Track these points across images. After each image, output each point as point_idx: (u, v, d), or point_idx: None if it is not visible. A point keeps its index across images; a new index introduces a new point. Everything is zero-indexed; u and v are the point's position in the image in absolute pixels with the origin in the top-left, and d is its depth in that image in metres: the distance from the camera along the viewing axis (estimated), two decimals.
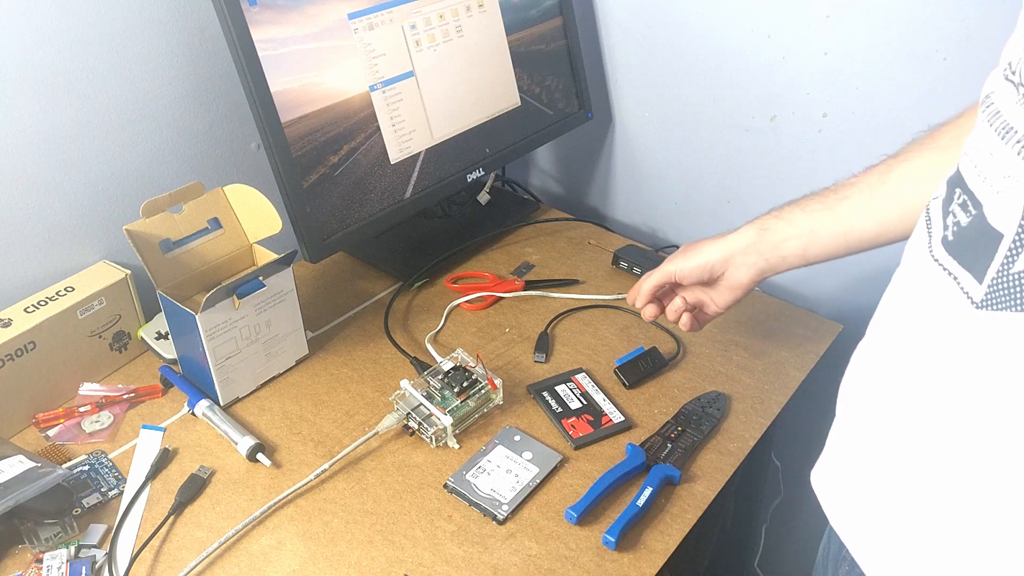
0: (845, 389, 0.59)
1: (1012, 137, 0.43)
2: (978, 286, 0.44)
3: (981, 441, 0.45)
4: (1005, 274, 0.42)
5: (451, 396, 0.86)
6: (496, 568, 0.74)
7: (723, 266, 0.80)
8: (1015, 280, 0.42)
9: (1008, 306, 0.42)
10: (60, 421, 0.88)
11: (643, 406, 0.91)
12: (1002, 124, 0.44)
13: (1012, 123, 0.43)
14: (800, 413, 1.00)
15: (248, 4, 0.87)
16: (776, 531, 1.31)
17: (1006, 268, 0.42)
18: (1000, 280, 0.43)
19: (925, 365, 0.49)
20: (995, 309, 0.43)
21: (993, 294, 0.43)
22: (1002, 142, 0.44)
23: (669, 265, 0.84)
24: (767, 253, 0.77)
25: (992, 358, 0.44)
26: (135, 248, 0.84)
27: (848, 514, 0.57)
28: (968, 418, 0.46)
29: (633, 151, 1.27)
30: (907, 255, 0.52)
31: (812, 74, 1.03)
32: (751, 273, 0.79)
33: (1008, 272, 0.42)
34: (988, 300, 0.43)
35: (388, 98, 1.01)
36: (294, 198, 0.93)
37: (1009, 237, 0.42)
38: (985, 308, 0.44)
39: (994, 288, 0.43)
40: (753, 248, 0.78)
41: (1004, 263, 0.42)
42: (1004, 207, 0.43)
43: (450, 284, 1.10)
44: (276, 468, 0.83)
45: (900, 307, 0.53)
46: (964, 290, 0.45)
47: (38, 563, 0.72)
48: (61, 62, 0.87)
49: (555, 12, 1.18)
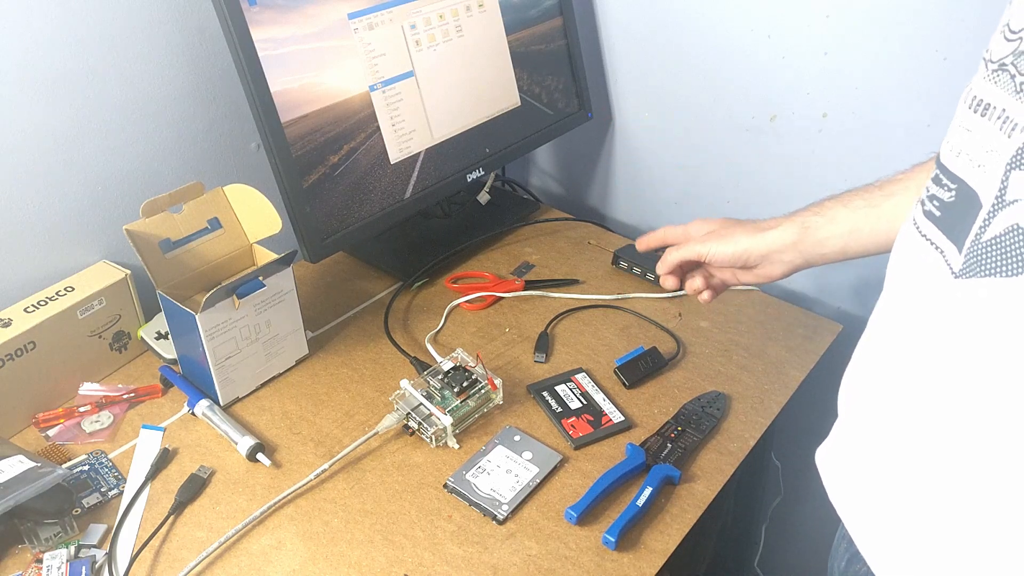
0: (850, 374, 0.60)
1: (992, 113, 0.44)
2: (959, 256, 0.45)
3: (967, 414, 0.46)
4: (978, 242, 0.43)
5: (451, 396, 0.86)
6: (496, 568, 0.74)
7: (759, 260, 0.78)
8: (986, 247, 0.43)
9: (979, 272, 0.43)
10: (60, 421, 0.88)
11: (643, 406, 0.91)
12: (978, 102, 0.46)
13: (986, 99, 0.45)
14: (800, 413, 1.00)
15: (248, 4, 0.87)
16: (776, 531, 1.31)
17: (979, 236, 0.43)
18: (974, 248, 0.44)
19: (912, 339, 0.50)
20: (970, 276, 0.44)
21: (969, 262, 0.44)
22: (982, 119, 0.45)
23: (701, 246, 0.80)
24: (807, 251, 0.76)
25: (969, 326, 0.45)
26: (135, 248, 0.84)
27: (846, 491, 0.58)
28: (954, 389, 0.47)
29: (633, 151, 1.27)
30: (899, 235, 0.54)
31: (812, 74, 1.03)
32: (787, 269, 0.78)
33: (980, 240, 0.43)
34: (965, 269, 0.44)
35: (388, 98, 1.01)
36: (294, 198, 0.93)
37: (986, 207, 0.43)
38: (963, 277, 0.44)
39: (969, 256, 0.44)
40: (793, 247, 0.76)
41: (979, 231, 0.43)
42: (985, 179, 0.44)
43: (450, 284, 1.10)
44: (276, 468, 0.83)
45: (891, 284, 0.54)
46: (948, 261, 0.46)
47: (38, 563, 0.72)
48: (61, 62, 0.87)
49: (555, 12, 1.18)
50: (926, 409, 0.49)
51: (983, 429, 0.45)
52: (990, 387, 0.44)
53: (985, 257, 0.43)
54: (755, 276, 0.80)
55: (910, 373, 0.50)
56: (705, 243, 0.80)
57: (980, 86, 0.46)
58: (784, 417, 0.92)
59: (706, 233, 0.81)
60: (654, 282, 1.09)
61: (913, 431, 0.50)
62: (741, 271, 0.81)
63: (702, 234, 0.81)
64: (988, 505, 0.46)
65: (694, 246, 0.81)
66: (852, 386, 0.59)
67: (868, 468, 0.56)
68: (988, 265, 0.42)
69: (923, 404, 0.49)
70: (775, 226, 0.77)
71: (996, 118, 0.43)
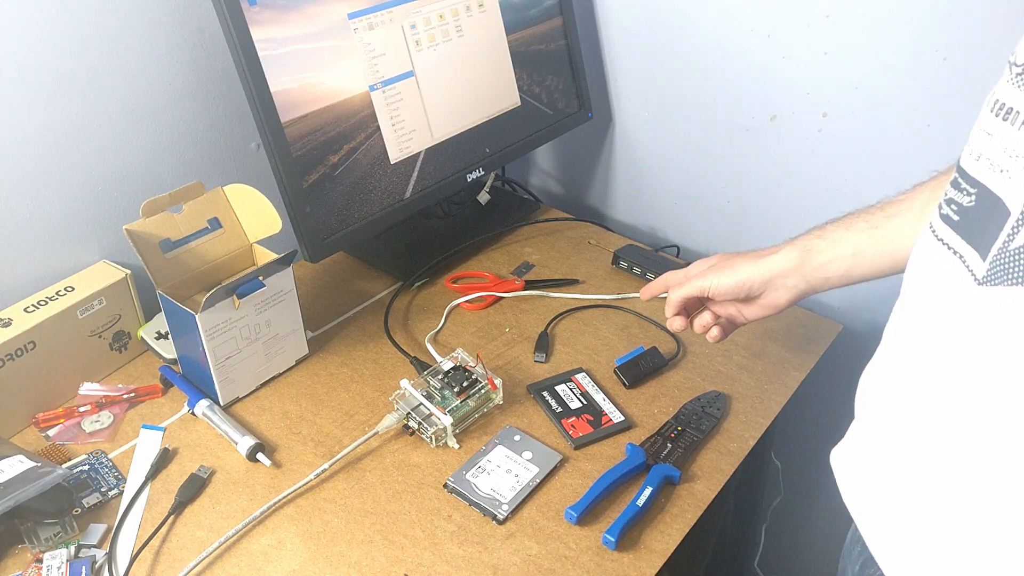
0: (867, 376, 0.59)
1: (1017, 118, 0.43)
2: (982, 263, 0.45)
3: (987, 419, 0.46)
4: (1006, 250, 0.43)
5: (451, 396, 0.86)
6: (496, 568, 0.74)
7: (762, 287, 0.76)
8: (1015, 255, 0.42)
9: (1006, 280, 0.43)
10: (60, 421, 0.88)
11: (643, 406, 0.91)
12: (1000, 105, 0.45)
13: (1009, 103, 0.44)
14: (800, 413, 1.00)
15: (248, 4, 0.87)
16: (776, 531, 1.31)
17: (1007, 244, 0.43)
18: (1002, 255, 0.43)
19: (933, 344, 0.50)
20: (995, 284, 0.44)
21: (994, 269, 0.44)
22: (1004, 123, 0.44)
23: (702, 280, 0.79)
24: (810, 276, 0.74)
25: (993, 333, 0.44)
26: (135, 248, 0.84)
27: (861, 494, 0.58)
28: (974, 395, 0.46)
29: (633, 151, 1.27)
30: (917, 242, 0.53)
31: (812, 74, 1.03)
32: (791, 295, 0.76)
33: (1008, 248, 0.43)
34: (990, 276, 0.44)
35: (388, 98, 1.01)
36: (294, 198, 0.93)
37: (1015, 215, 0.43)
38: (987, 284, 0.44)
39: (995, 264, 0.44)
40: (796, 271, 0.74)
41: (1006, 240, 0.43)
42: (1011, 185, 0.43)
43: (450, 284, 1.10)
44: (276, 468, 0.83)
45: (910, 288, 0.54)
46: (969, 267, 0.46)
47: (38, 563, 0.72)
48: (61, 62, 0.87)
49: (555, 12, 1.18)
50: (945, 414, 0.48)
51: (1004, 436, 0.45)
52: (1013, 394, 0.44)
53: (1014, 265, 0.42)
54: (760, 308, 0.79)
55: (929, 378, 0.50)
56: (706, 277, 0.79)
57: (1004, 90, 0.45)
58: (784, 417, 0.92)
59: (706, 268, 0.80)
60: None
61: (932, 436, 0.50)
62: (745, 305, 0.80)
63: (702, 271, 0.81)
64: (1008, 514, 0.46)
65: (696, 282, 0.80)
66: (870, 388, 0.58)
67: (885, 472, 0.55)
68: (1018, 273, 0.42)
69: (942, 409, 0.49)
70: (775, 251, 0.76)
71: (1022, 123, 0.43)
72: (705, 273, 0.80)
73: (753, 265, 0.76)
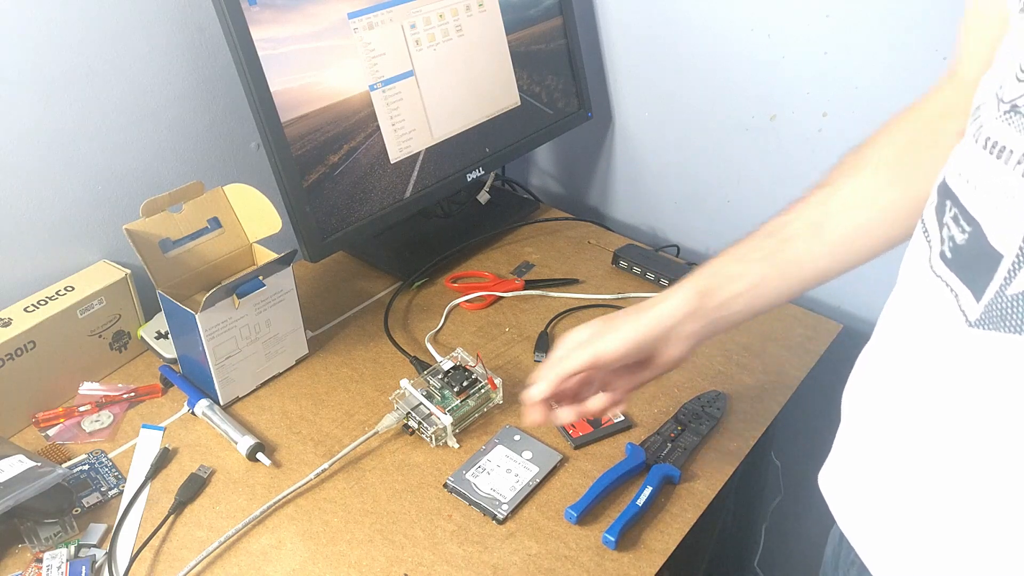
0: (850, 392, 0.59)
1: (1011, 157, 0.42)
2: (975, 304, 0.44)
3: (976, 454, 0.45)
4: (1002, 295, 0.42)
5: (451, 395, 0.86)
6: (496, 568, 0.74)
7: (655, 344, 0.66)
8: (1010, 302, 0.42)
9: (1000, 327, 0.42)
10: (60, 421, 0.88)
11: (643, 406, 0.91)
12: (990, 142, 0.44)
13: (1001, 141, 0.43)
14: (800, 413, 1.00)
15: (248, 3, 0.87)
16: (776, 531, 1.31)
17: (1003, 289, 0.42)
18: (997, 301, 0.42)
19: (922, 377, 0.49)
20: (988, 329, 0.43)
21: (988, 314, 0.43)
22: (998, 161, 0.43)
23: (582, 351, 0.65)
24: (710, 315, 0.66)
25: (983, 377, 0.44)
26: (135, 248, 0.84)
27: (857, 517, 0.57)
28: (962, 432, 0.46)
29: (633, 151, 1.27)
30: (907, 264, 0.52)
31: (812, 74, 1.03)
32: (691, 343, 0.66)
33: (1004, 293, 0.42)
34: (983, 320, 0.43)
35: (388, 97, 1.01)
36: (294, 198, 0.93)
37: (1009, 258, 0.42)
38: (979, 327, 0.43)
39: (990, 308, 0.43)
40: (692, 316, 0.65)
41: (1002, 284, 0.42)
42: (1004, 227, 0.42)
43: (450, 284, 1.10)
44: (276, 468, 0.83)
45: (901, 317, 0.53)
46: (961, 307, 0.45)
47: (38, 562, 0.72)
48: (61, 62, 0.87)
49: (555, 12, 1.18)
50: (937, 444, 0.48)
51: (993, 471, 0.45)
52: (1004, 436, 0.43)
53: (1010, 313, 0.42)
54: (657, 368, 0.68)
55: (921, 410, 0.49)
56: (587, 345, 0.66)
57: (992, 125, 0.44)
58: (784, 417, 0.92)
59: (587, 337, 0.67)
60: (654, 282, 1.09)
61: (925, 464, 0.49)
62: (639, 369, 0.68)
63: (581, 341, 0.67)
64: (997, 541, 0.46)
65: (577, 353, 0.66)
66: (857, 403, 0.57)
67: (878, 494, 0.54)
68: (1014, 322, 0.41)
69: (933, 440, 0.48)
70: (662, 300, 0.66)
71: (1016, 163, 0.42)
72: (587, 342, 0.66)
73: (640, 320, 0.65)
